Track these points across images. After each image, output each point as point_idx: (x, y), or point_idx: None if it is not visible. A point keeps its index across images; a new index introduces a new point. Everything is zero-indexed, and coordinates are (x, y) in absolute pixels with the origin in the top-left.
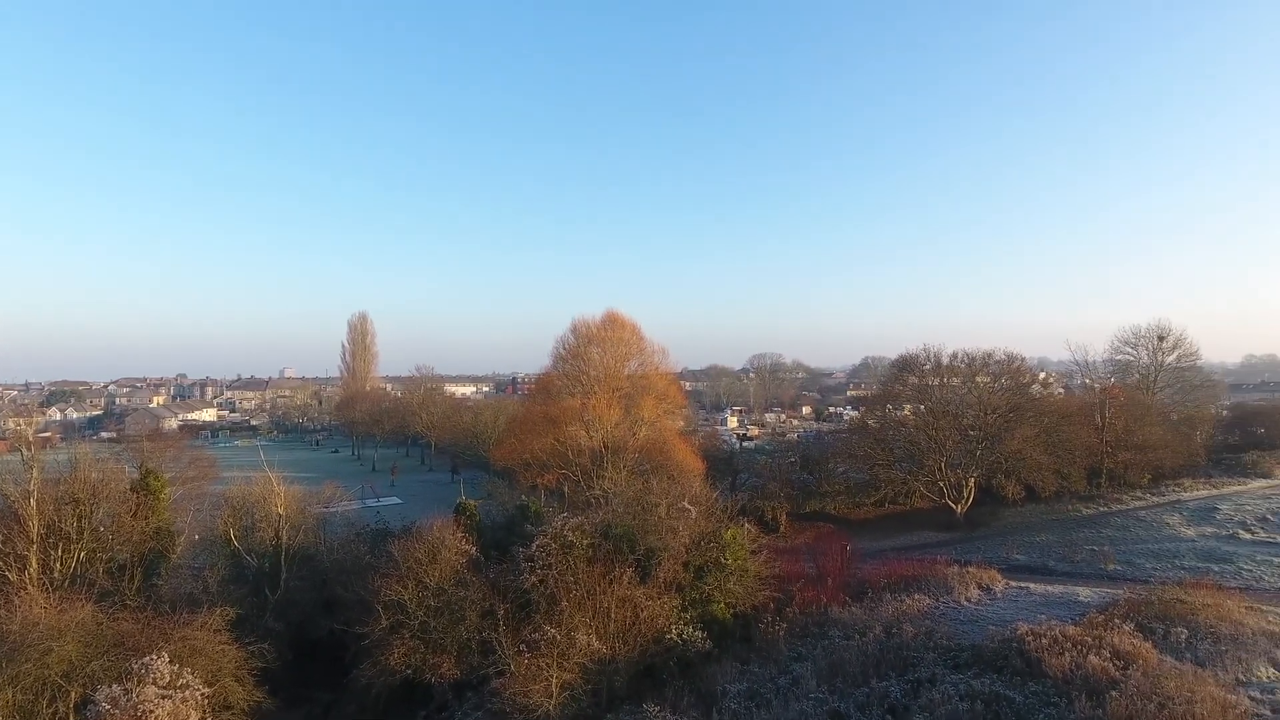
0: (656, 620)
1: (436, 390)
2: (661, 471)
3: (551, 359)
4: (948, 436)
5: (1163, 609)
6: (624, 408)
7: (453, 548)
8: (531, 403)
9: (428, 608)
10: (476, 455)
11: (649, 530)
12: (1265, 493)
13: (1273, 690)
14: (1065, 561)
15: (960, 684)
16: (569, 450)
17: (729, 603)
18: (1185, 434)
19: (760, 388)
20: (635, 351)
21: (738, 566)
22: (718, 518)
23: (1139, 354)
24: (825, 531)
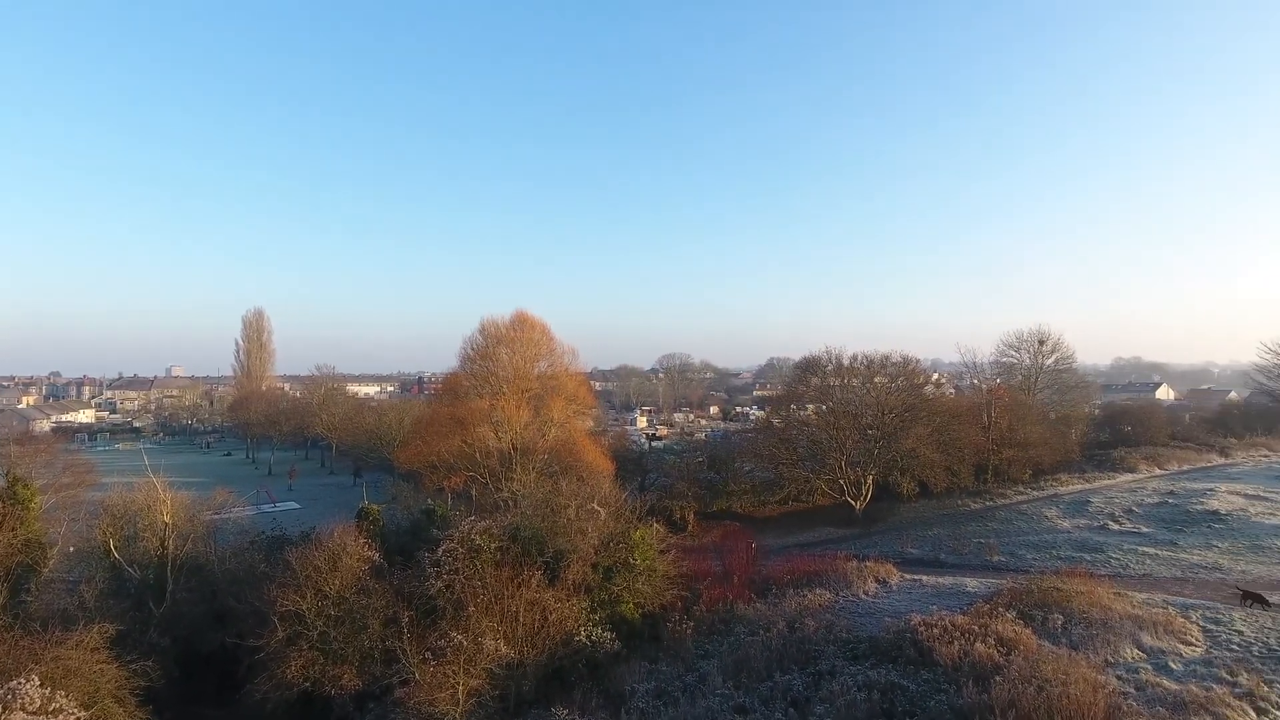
0: (565, 622)
1: (338, 390)
2: (571, 473)
3: (459, 359)
4: (848, 436)
5: (1041, 597)
6: (533, 409)
7: (355, 554)
8: (438, 404)
9: (328, 617)
10: (380, 457)
11: (558, 532)
12: (1131, 486)
13: (1136, 670)
14: (955, 554)
15: (858, 675)
16: (477, 452)
17: (638, 603)
18: (1062, 432)
19: (669, 388)
20: (545, 352)
21: (646, 567)
22: (627, 518)
23: (1021, 357)
24: (732, 530)
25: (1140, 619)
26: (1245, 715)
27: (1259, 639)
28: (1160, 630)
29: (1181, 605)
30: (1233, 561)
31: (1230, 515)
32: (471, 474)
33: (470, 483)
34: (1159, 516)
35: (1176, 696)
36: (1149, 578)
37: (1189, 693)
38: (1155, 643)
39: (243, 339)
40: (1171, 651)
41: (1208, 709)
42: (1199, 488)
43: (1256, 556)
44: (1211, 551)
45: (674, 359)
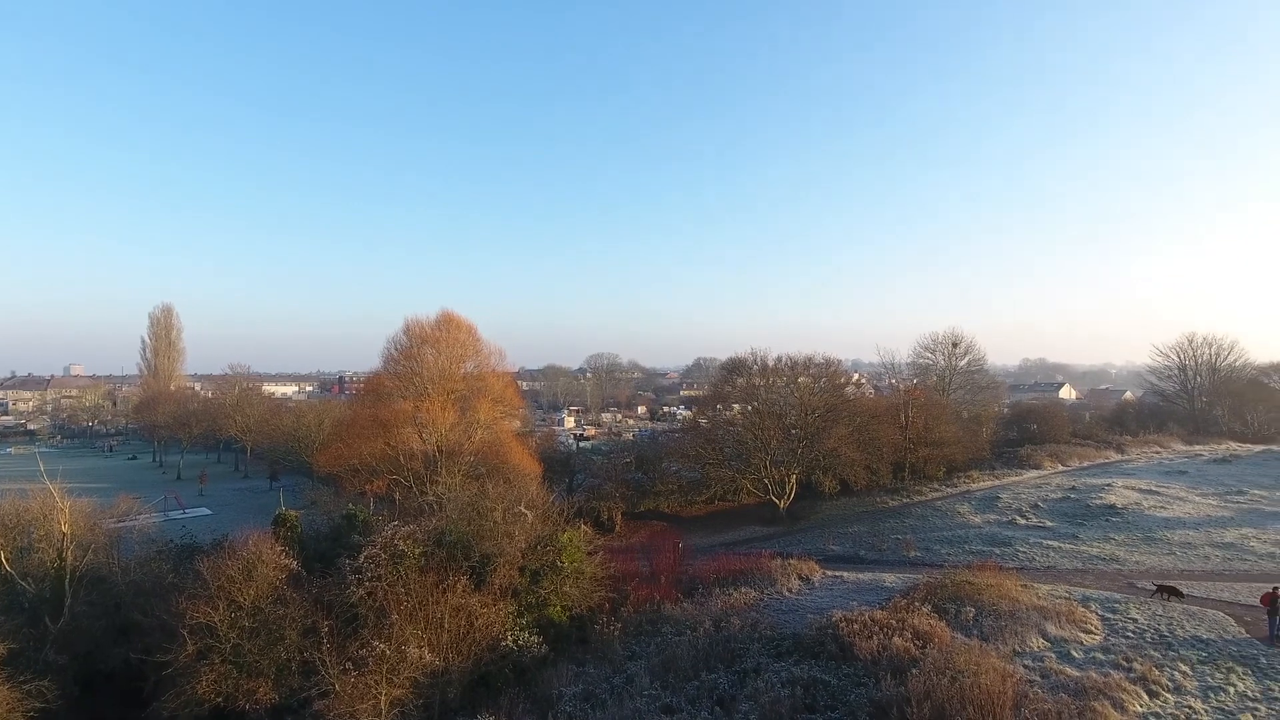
0: (492, 628)
1: (253, 390)
2: (498, 475)
3: (382, 360)
4: (772, 436)
5: (955, 590)
6: (459, 410)
7: (271, 562)
8: (360, 405)
9: (241, 629)
10: (299, 461)
11: (484, 536)
12: (1037, 482)
13: (1042, 659)
14: (874, 550)
15: (782, 671)
16: (400, 455)
17: (565, 605)
18: (974, 431)
19: (597, 388)
20: (471, 353)
21: (574, 569)
22: (554, 521)
23: (937, 359)
24: (659, 530)
25: (1045, 610)
26: (1139, 698)
27: (1151, 626)
28: (1063, 620)
29: (1082, 596)
30: (1128, 553)
31: (1126, 509)
32: (395, 477)
33: (393, 486)
34: (1062, 511)
35: (1078, 683)
36: (1053, 570)
37: (1089, 679)
38: (1059, 632)
39: (150, 336)
40: (1073, 640)
41: (1105, 694)
42: (1098, 483)
43: (1150, 548)
44: (1109, 544)
45: (602, 359)
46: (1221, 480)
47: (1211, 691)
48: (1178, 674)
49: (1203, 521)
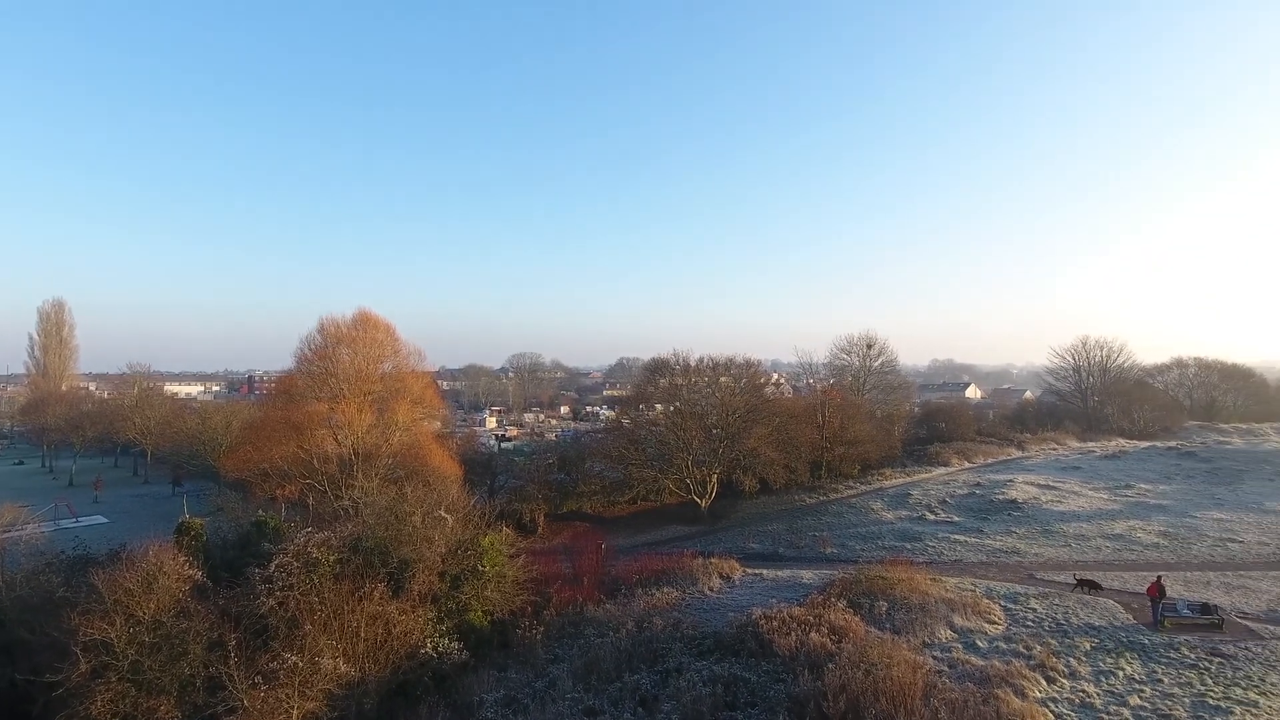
0: (410, 635)
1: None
2: (417, 478)
3: (295, 359)
4: (694, 436)
5: (869, 586)
6: (377, 412)
7: (173, 573)
8: (271, 406)
9: (141, 645)
10: (204, 465)
11: (403, 541)
12: (945, 479)
13: (950, 649)
14: (793, 547)
15: (704, 670)
16: (314, 458)
17: (487, 610)
18: (887, 430)
19: (519, 387)
20: (389, 353)
21: (496, 573)
22: (476, 524)
23: (852, 359)
24: (582, 531)
25: (952, 602)
26: (1038, 684)
27: (1049, 615)
28: (969, 611)
29: (986, 588)
30: (1028, 546)
31: (1026, 504)
32: (308, 482)
33: (307, 491)
34: (968, 506)
35: (982, 671)
36: (960, 563)
37: (992, 667)
38: (965, 623)
39: (39, 333)
40: (978, 630)
41: (1007, 681)
42: (1001, 479)
43: (1047, 540)
44: (1011, 537)
45: (524, 358)
46: (1111, 475)
47: (1103, 675)
48: (1073, 660)
49: (1095, 515)
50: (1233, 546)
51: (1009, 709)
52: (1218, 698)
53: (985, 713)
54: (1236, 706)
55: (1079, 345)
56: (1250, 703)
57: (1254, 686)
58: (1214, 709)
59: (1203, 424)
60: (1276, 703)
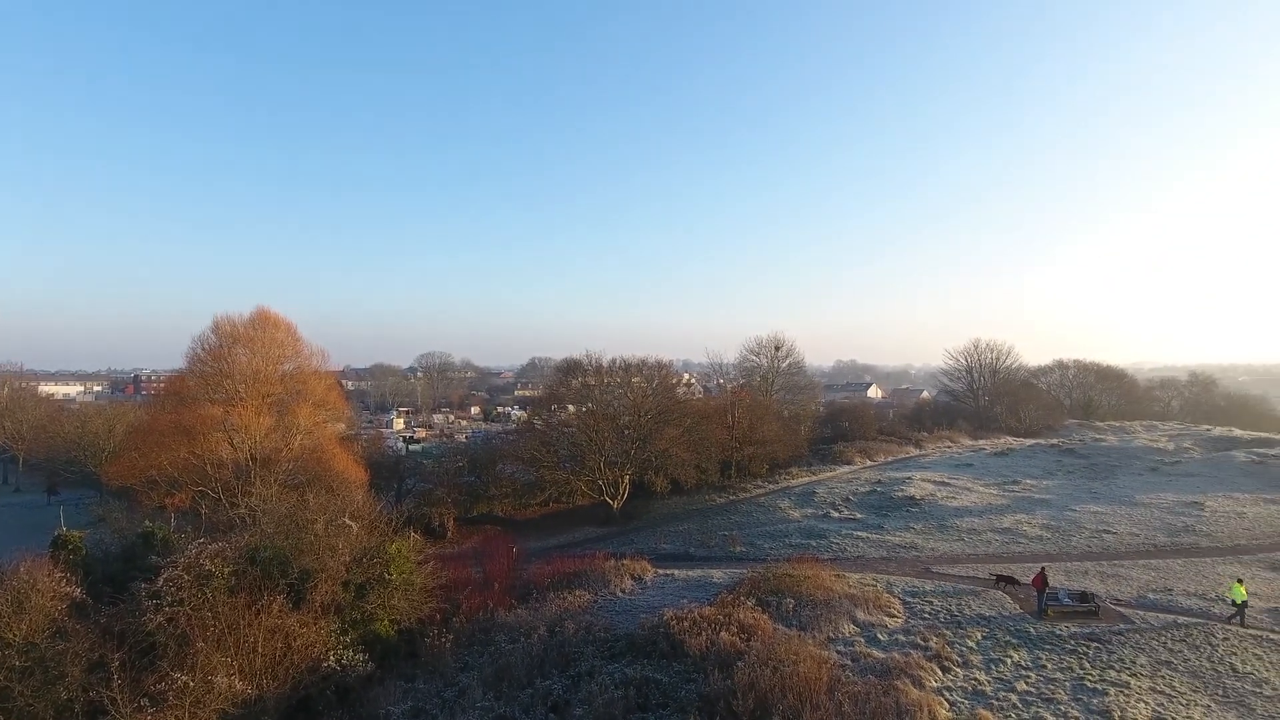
0: (312, 648)
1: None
2: (319, 483)
3: (187, 360)
4: (607, 437)
5: (776, 583)
6: (276, 415)
7: (48, 590)
8: (160, 409)
9: (10, 669)
10: (83, 472)
11: (304, 550)
12: (848, 477)
13: (853, 643)
14: (703, 547)
15: (616, 673)
16: (207, 464)
17: (394, 619)
18: (794, 429)
19: (428, 387)
20: (290, 353)
21: (403, 580)
22: (382, 530)
23: (761, 360)
24: (493, 534)
25: (855, 597)
26: (934, 674)
27: (945, 608)
28: (871, 606)
29: (887, 583)
30: (925, 540)
31: (923, 500)
32: (201, 489)
33: (199, 500)
34: (869, 504)
35: (883, 664)
36: (862, 559)
37: (892, 660)
38: (867, 617)
39: None
40: (879, 624)
41: (906, 672)
42: (900, 477)
43: (943, 535)
44: (909, 533)
45: (434, 357)
46: (1000, 472)
47: (993, 663)
48: (966, 649)
49: (985, 510)
50: (1107, 537)
51: (908, 699)
52: (1095, 680)
53: (886, 704)
54: (1111, 688)
55: (971, 347)
56: (1122, 684)
57: (1126, 669)
58: (1091, 691)
59: (1081, 422)
60: (1145, 683)
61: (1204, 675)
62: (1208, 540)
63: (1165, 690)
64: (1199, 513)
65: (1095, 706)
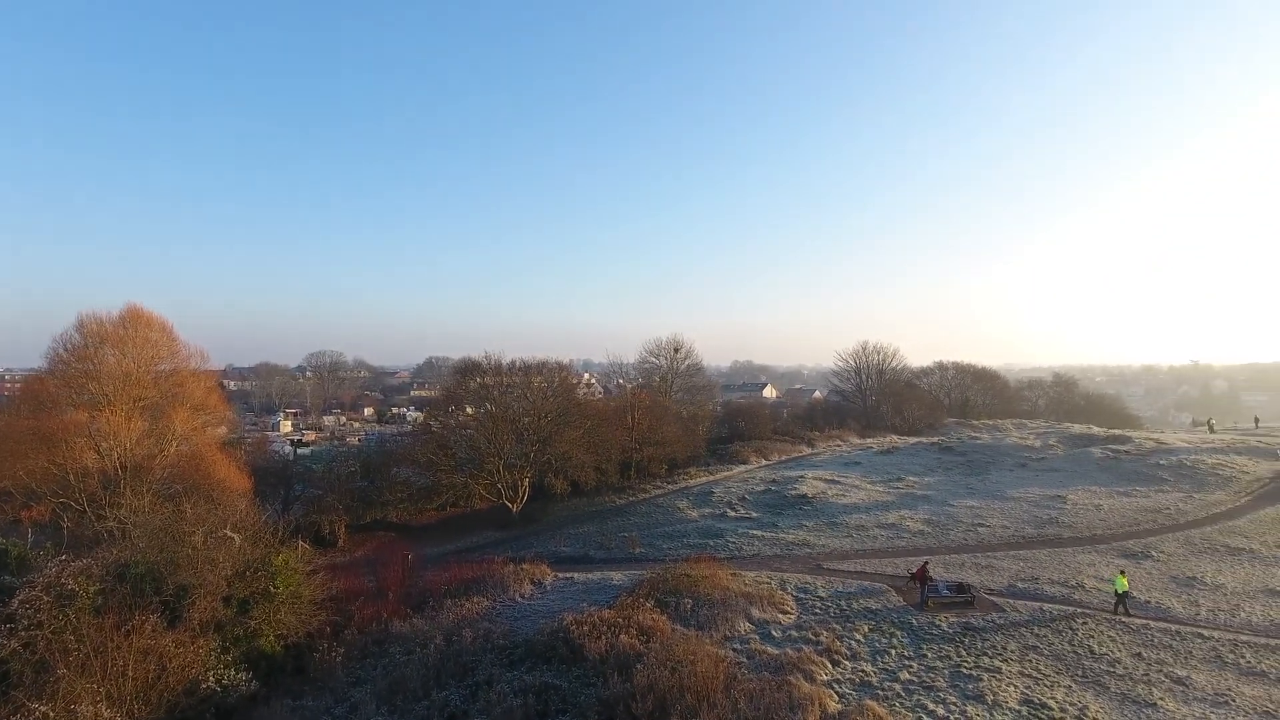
0: (190, 669)
1: None
2: (198, 493)
3: (48, 361)
4: (506, 439)
5: (675, 584)
6: (150, 419)
7: None
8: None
9: None
10: None
11: (180, 565)
12: (744, 477)
13: (748, 641)
14: (603, 549)
15: (515, 680)
16: (71, 474)
17: (280, 634)
18: (692, 429)
19: (319, 388)
20: (166, 354)
21: (290, 593)
22: (267, 541)
23: (660, 361)
24: (387, 541)
25: (751, 595)
26: (825, 668)
27: (834, 603)
28: (765, 604)
29: (781, 580)
30: (817, 538)
31: (815, 498)
32: (62, 501)
33: (60, 512)
34: (764, 503)
35: (777, 660)
36: (758, 557)
37: (785, 656)
38: (762, 615)
39: None
40: (773, 621)
41: (798, 667)
42: (793, 475)
43: (834, 532)
44: (802, 530)
45: (324, 356)
46: (886, 469)
47: (879, 655)
48: (854, 642)
49: (872, 506)
50: (982, 530)
51: (800, 694)
52: (970, 667)
53: (779, 699)
54: (985, 674)
55: (859, 349)
56: (995, 669)
57: (998, 655)
58: (967, 677)
59: (959, 421)
60: (1015, 667)
61: (1066, 658)
62: (1069, 531)
63: (1032, 674)
64: (1062, 505)
65: (970, 692)
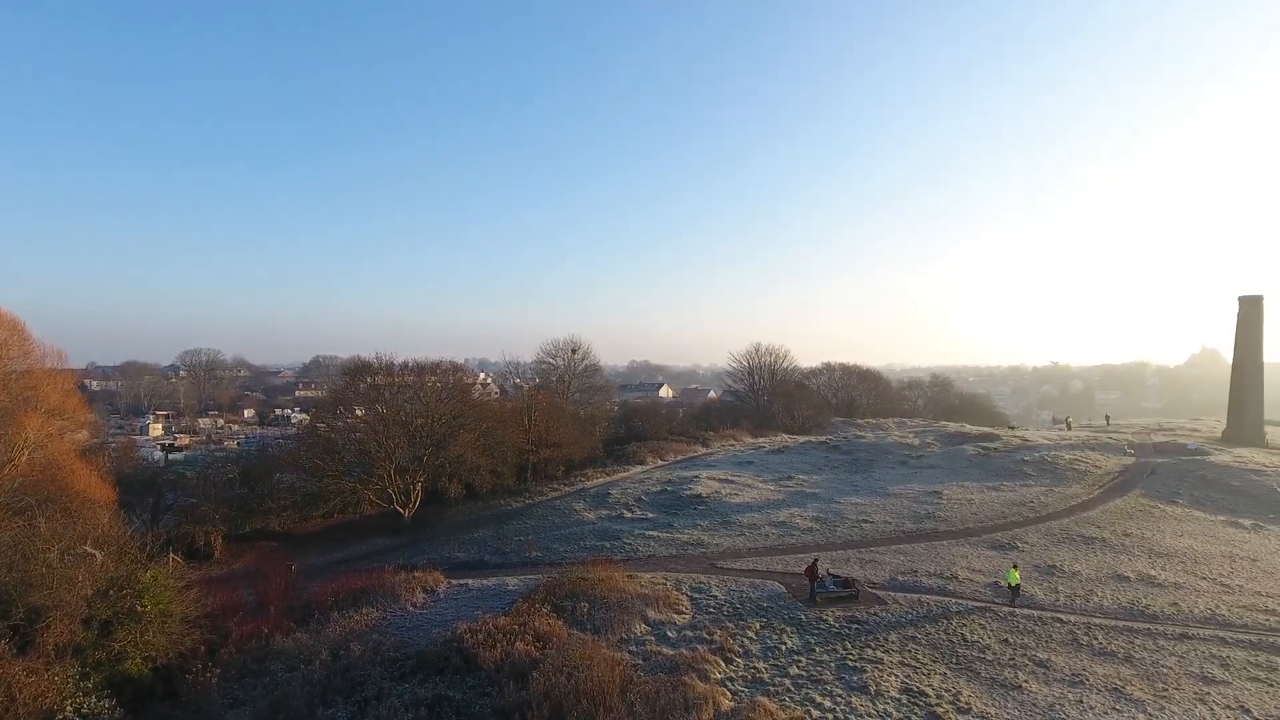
0: (43, 698)
1: None
2: (54, 505)
3: None
4: (398, 443)
5: (571, 587)
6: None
7: None
8: None
9: None
10: None
11: (32, 585)
12: (641, 477)
13: (644, 643)
14: (499, 554)
15: (406, 693)
16: None
17: (148, 656)
18: (590, 430)
19: (194, 388)
20: (17, 353)
21: (159, 612)
22: (134, 557)
23: (558, 362)
24: (269, 552)
25: (647, 596)
26: (719, 666)
27: (728, 601)
28: (661, 604)
29: (676, 581)
30: (711, 537)
31: (709, 498)
32: None
33: None
34: (660, 503)
35: (672, 661)
36: (654, 558)
37: (681, 656)
38: (658, 616)
39: None
40: (669, 622)
41: (693, 667)
42: (688, 475)
43: (727, 531)
44: (697, 530)
45: (200, 354)
46: (777, 468)
47: (770, 651)
48: (746, 640)
49: (764, 505)
50: (866, 526)
51: (695, 693)
52: (855, 659)
53: (674, 700)
54: (868, 665)
55: (752, 350)
56: (877, 660)
57: (880, 646)
58: (852, 669)
59: (846, 420)
60: (895, 657)
61: (941, 646)
62: (945, 525)
63: (911, 663)
64: (938, 501)
65: (855, 683)
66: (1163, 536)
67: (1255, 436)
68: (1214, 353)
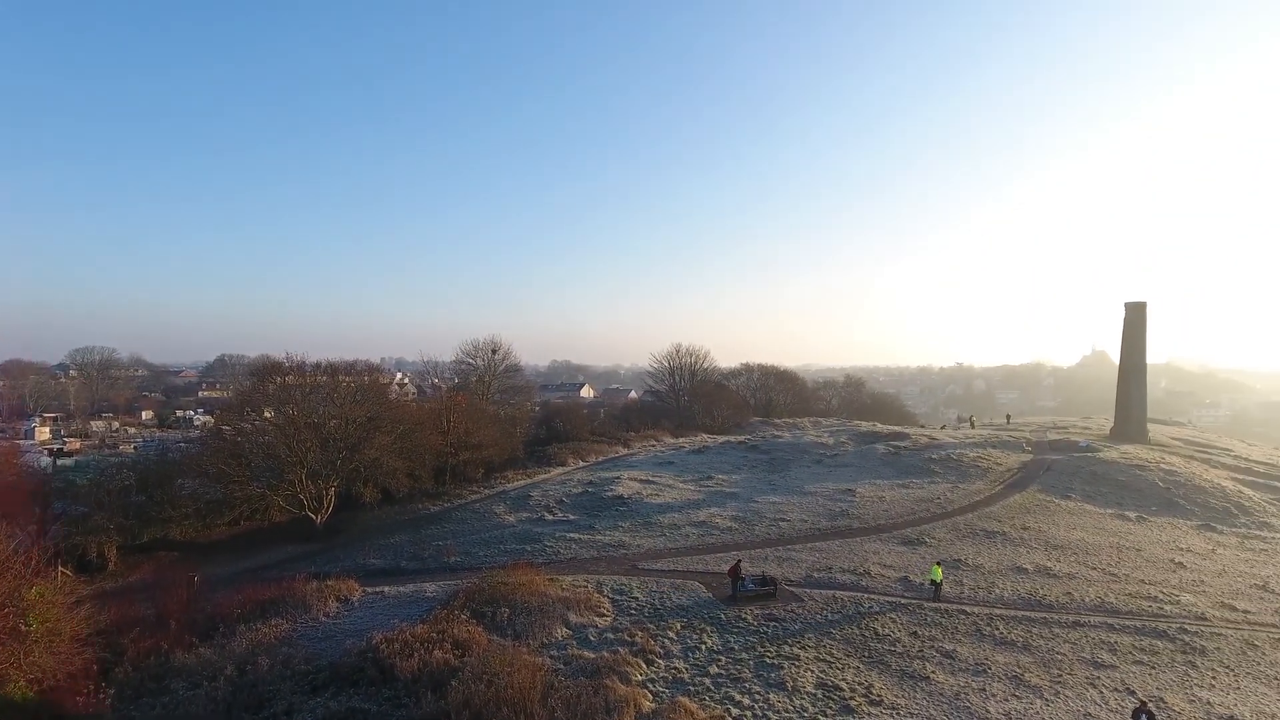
0: None
1: None
2: None
3: None
4: (309, 447)
5: (492, 593)
6: None
7: None
8: None
9: None
10: None
11: None
12: (562, 479)
13: (565, 647)
14: (416, 560)
15: (318, 708)
16: None
17: (33, 678)
18: (510, 431)
19: (85, 388)
20: None
21: (46, 631)
22: (17, 571)
23: (478, 362)
24: (169, 562)
25: (568, 600)
26: (640, 668)
27: (649, 602)
28: (582, 607)
29: (597, 583)
30: (632, 538)
31: (630, 499)
32: None
33: None
34: (581, 505)
35: (593, 664)
36: (575, 560)
37: (602, 659)
38: (579, 619)
39: None
40: (590, 625)
41: (614, 669)
42: (610, 476)
43: (648, 532)
44: (618, 531)
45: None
46: (697, 468)
47: (690, 651)
48: (667, 640)
49: (685, 505)
50: (783, 525)
51: (615, 696)
52: (773, 656)
53: (595, 703)
54: (785, 662)
55: (673, 351)
56: (794, 657)
57: (797, 643)
58: (770, 666)
59: (764, 420)
60: (811, 653)
61: (854, 641)
62: (858, 523)
63: (826, 658)
64: (851, 499)
65: (773, 680)
66: (1057, 529)
67: (1139, 434)
68: (1103, 354)
